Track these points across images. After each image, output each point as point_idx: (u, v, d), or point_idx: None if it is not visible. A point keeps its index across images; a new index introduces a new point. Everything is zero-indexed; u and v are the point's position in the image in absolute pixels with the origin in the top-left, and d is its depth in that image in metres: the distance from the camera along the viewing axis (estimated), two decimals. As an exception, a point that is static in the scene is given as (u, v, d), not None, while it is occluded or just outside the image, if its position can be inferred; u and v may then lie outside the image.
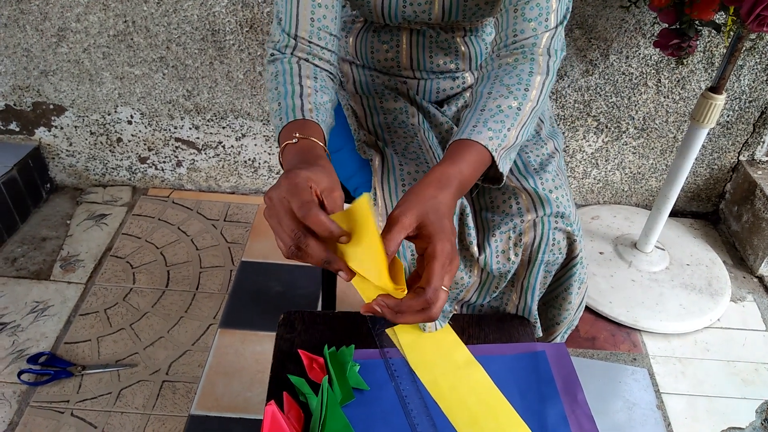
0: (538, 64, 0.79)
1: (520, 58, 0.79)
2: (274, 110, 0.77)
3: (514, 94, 0.77)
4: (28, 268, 1.59)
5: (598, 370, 1.42)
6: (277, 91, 0.78)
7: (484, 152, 0.73)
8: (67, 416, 1.25)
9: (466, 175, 0.71)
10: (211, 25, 1.56)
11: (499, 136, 0.74)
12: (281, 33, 0.82)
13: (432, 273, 0.62)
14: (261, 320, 1.48)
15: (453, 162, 0.71)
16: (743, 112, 1.69)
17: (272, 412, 0.71)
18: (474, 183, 0.74)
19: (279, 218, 0.60)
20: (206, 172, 1.86)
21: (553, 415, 0.78)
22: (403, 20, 0.91)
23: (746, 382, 1.41)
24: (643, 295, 1.57)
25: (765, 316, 1.59)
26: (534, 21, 0.78)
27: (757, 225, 1.69)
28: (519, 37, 0.79)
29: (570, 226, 0.85)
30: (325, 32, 0.82)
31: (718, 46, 1.56)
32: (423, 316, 0.63)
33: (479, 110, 0.76)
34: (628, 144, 1.77)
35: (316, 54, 0.82)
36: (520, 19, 0.79)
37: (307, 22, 0.80)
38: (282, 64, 0.80)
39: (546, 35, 0.79)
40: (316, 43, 0.81)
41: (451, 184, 0.69)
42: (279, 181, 0.62)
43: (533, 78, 0.78)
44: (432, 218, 0.65)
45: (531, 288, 0.89)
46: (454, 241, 0.65)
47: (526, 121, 0.77)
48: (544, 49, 0.80)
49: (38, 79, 1.66)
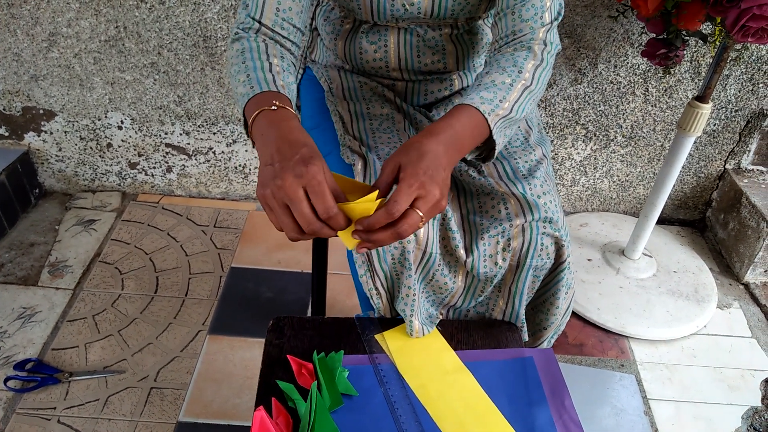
0: (534, 52, 0.84)
1: (518, 47, 0.85)
2: (240, 81, 0.76)
3: (507, 72, 0.82)
4: (15, 274, 1.58)
5: (585, 376, 1.43)
6: (244, 65, 0.78)
7: (476, 113, 0.76)
8: (53, 423, 1.24)
9: (458, 129, 0.74)
10: (203, 31, 1.56)
11: (492, 103, 0.78)
12: (246, 16, 0.83)
13: (397, 191, 0.66)
14: (250, 326, 1.48)
15: (444, 118, 0.75)
16: (729, 120, 1.71)
17: (261, 418, 0.71)
18: (471, 145, 0.77)
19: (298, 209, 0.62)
20: (196, 177, 1.86)
21: (541, 421, 0.79)
22: (391, 17, 0.92)
23: (732, 389, 1.43)
24: (631, 302, 1.58)
25: (751, 322, 1.61)
26: (530, 20, 0.85)
27: (743, 233, 1.71)
28: (518, 35, 0.86)
29: (558, 231, 0.86)
30: (288, 23, 0.84)
31: (704, 55, 1.58)
32: (392, 232, 0.66)
33: (475, 85, 0.82)
34: (616, 152, 1.79)
35: (278, 41, 0.84)
36: (517, 21, 0.85)
37: (272, 11, 0.83)
38: (248, 42, 0.81)
39: (542, 30, 0.85)
40: (278, 32, 0.84)
41: (438, 133, 0.72)
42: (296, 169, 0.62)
43: (527, 62, 0.83)
44: (410, 156, 0.69)
45: (519, 293, 0.89)
46: (434, 176, 0.68)
47: (518, 97, 0.81)
48: (540, 41, 0.86)
49: (28, 84, 1.66)
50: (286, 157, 0.64)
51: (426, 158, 0.69)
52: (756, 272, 1.70)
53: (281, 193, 0.62)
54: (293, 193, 0.62)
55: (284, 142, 0.66)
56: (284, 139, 0.66)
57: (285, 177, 0.62)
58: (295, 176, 0.62)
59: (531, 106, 0.84)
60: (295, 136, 0.67)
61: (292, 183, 0.62)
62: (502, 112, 0.78)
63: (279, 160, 0.64)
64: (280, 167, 0.63)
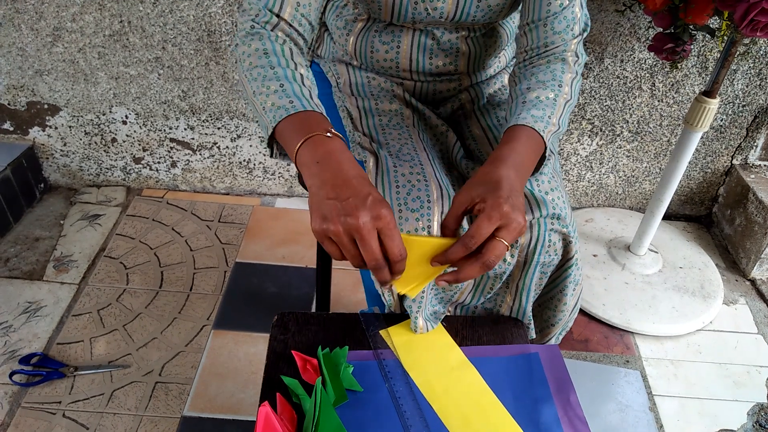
0: (569, 64, 0.86)
1: (552, 60, 0.86)
2: (271, 89, 0.73)
3: (549, 87, 0.83)
4: (20, 268, 1.59)
5: (591, 372, 1.42)
6: (273, 71, 0.75)
7: (533, 133, 0.78)
8: (59, 417, 1.25)
9: (521, 152, 0.76)
10: (207, 26, 1.56)
11: (544, 120, 0.79)
12: (263, 8, 0.80)
13: (478, 225, 0.67)
14: (255, 321, 1.48)
15: (504, 143, 0.77)
16: (736, 116, 1.70)
17: (266, 413, 0.71)
18: (534, 163, 0.78)
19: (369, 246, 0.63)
20: (201, 172, 1.86)
21: (546, 417, 0.79)
22: (411, 20, 0.91)
23: (738, 385, 1.42)
24: (636, 298, 1.57)
25: (757, 319, 1.60)
26: (563, 32, 0.86)
27: (749, 228, 1.70)
28: (550, 47, 0.87)
29: (566, 227, 0.85)
30: (305, 19, 0.82)
31: (712, 50, 1.57)
32: (480, 264, 0.68)
33: (521, 103, 0.82)
34: (622, 147, 1.78)
35: (293, 38, 0.82)
36: (550, 33, 0.86)
37: (293, 5, 0.80)
38: (270, 42, 0.78)
39: (573, 42, 0.87)
40: (296, 27, 0.82)
41: (505, 159, 0.74)
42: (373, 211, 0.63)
43: (565, 75, 0.85)
44: (486, 187, 0.70)
45: (526, 289, 0.89)
46: (514, 204, 0.68)
47: (562, 111, 0.82)
48: (573, 53, 0.87)
49: (33, 79, 1.66)
50: (357, 195, 0.64)
51: (503, 187, 0.69)
52: (762, 268, 1.69)
53: (354, 230, 0.63)
54: (368, 233, 0.63)
55: (348, 177, 0.65)
56: (347, 173, 0.66)
57: (360, 216, 0.62)
58: (373, 218, 0.63)
59: (569, 119, 0.85)
60: (358, 171, 0.67)
61: (367, 223, 0.62)
62: (553, 128, 0.80)
63: (348, 197, 0.64)
64: (353, 206, 0.63)
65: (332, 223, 0.63)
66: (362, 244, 0.63)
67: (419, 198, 0.81)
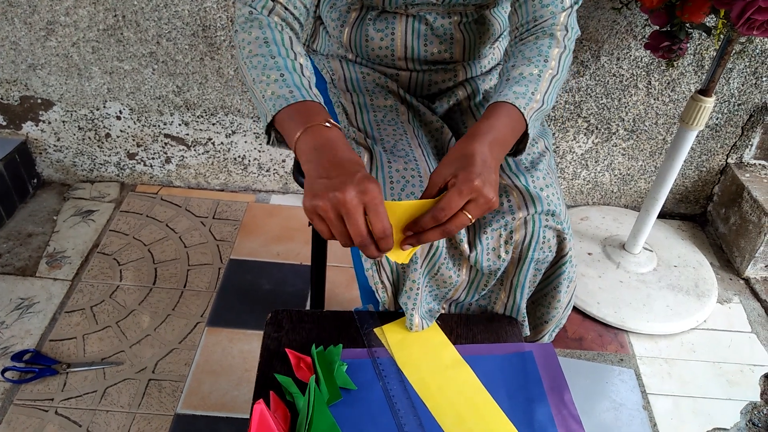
0: (557, 39, 0.85)
1: (540, 35, 0.86)
2: (271, 78, 0.74)
3: (534, 63, 0.82)
4: (13, 264, 1.58)
5: (585, 370, 1.42)
6: (273, 60, 0.76)
7: (513, 110, 0.77)
8: (51, 414, 1.24)
9: (499, 129, 0.75)
10: (202, 21, 1.55)
11: (525, 97, 0.78)
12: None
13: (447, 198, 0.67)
14: (249, 318, 1.48)
15: (483, 119, 0.76)
16: (732, 114, 1.70)
17: (260, 411, 0.70)
18: (512, 141, 0.77)
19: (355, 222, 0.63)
20: (195, 168, 1.85)
21: (540, 416, 0.79)
22: (403, 3, 0.91)
23: (732, 383, 1.43)
24: (631, 296, 1.58)
25: (751, 317, 1.60)
26: (551, 5, 0.85)
27: (744, 227, 1.71)
28: (539, 21, 0.86)
29: (560, 224, 0.85)
30: (300, 2, 0.83)
31: (708, 49, 1.57)
32: (440, 230, 0.69)
33: (504, 80, 0.82)
34: (618, 145, 1.78)
35: (289, 23, 0.82)
36: (538, 6, 0.86)
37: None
38: (270, 30, 0.79)
39: (563, 15, 0.86)
40: (291, 11, 0.82)
41: (481, 135, 0.73)
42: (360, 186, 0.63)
43: (551, 50, 0.84)
44: (459, 163, 0.70)
45: (520, 286, 0.89)
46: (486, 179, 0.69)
47: (547, 87, 0.81)
48: (562, 26, 0.86)
49: (26, 73, 1.64)
50: (347, 173, 0.64)
51: (476, 162, 0.69)
52: (757, 267, 1.69)
53: (340, 205, 0.63)
54: (353, 208, 0.63)
55: (342, 159, 0.66)
56: (341, 157, 0.67)
57: (346, 191, 0.63)
58: (358, 192, 0.63)
59: (557, 94, 0.84)
60: (352, 155, 0.68)
61: (353, 198, 0.63)
62: (536, 105, 0.79)
63: (338, 175, 0.64)
64: (340, 182, 0.63)
65: (321, 198, 0.64)
66: (348, 220, 0.64)
67: (413, 194, 0.81)
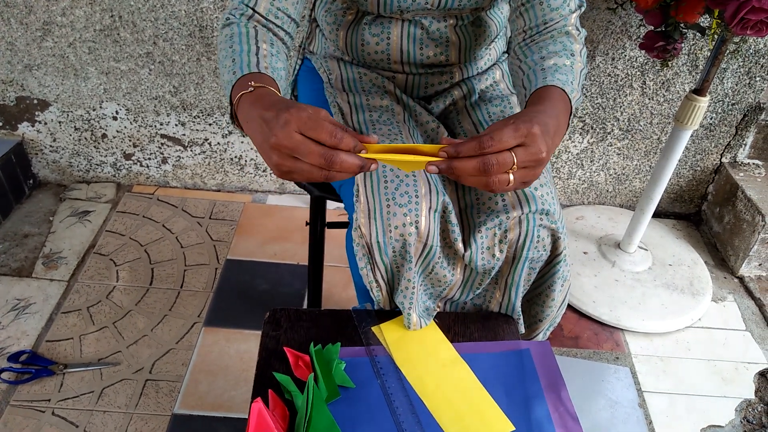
0: (573, 37, 0.85)
1: (556, 34, 0.85)
2: (226, 66, 0.76)
3: (564, 56, 0.82)
4: (9, 265, 1.57)
5: (581, 368, 1.43)
6: (231, 49, 0.77)
7: (563, 95, 0.76)
8: (48, 415, 1.24)
9: (558, 108, 0.72)
10: (199, 21, 1.55)
11: (569, 84, 0.78)
12: (240, 2, 0.83)
13: (502, 128, 0.62)
14: (246, 318, 1.48)
15: (538, 101, 0.73)
16: (726, 114, 1.71)
17: (259, 410, 0.71)
18: (565, 124, 0.74)
19: (302, 149, 0.60)
20: (192, 169, 1.85)
21: (538, 413, 0.79)
22: (397, 8, 0.92)
23: (726, 381, 1.43)
24: (626, 295, 1.58)
25: (745, 316, 1.61)
26: (560, 8, 0.85)
27: (738, 226, 1.72)
28: (549, 24, 0.86)
29: (554, 223, 0.86)
30: (283, 13, 0.84)
31: (702, 48, 1.58)
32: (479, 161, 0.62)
33: (539, 70, 0.80)
34: (613, 145, 1.79)
35: (270, 29, 0.83)
36: (547, 10, 0.85)
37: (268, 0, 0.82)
38: (238, 27, 0.81)
39: (573, 16, 0.86)
40: (272, 20, 0.83)
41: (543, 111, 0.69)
42: (280, 119, 0.61)
43: (574, 45, 0.84)
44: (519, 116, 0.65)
45: (515, 285, 0.89)
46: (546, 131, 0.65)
47: (579, 78, 0.81)
48: (574, 26, 0.86)
49: (22, 74, 1.64)
50: (270, 119, 0.62)
51: (540, 120, 0.65)
52: (751, 266, 1.70)
53: (282, 149, 0.61)
54: (290, 142, 0.60)
55: (265, 111, 0.64)
56: (265, 109, 0.65)
57: (276, 133, 0.61)
58: (282, 125, 0.61)
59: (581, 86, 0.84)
60: (275, 100, 0.66)
61: (283, 134, 0.60)
62: (577, 95, 0.79)
63: (266, 126, 0.63)
64: (268, 129, 0.62)
65: (270, 156, 0.62)
66: (297, 154, 0.61)
67: (407, 193, 0.81)
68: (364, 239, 0.82)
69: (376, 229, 0.81)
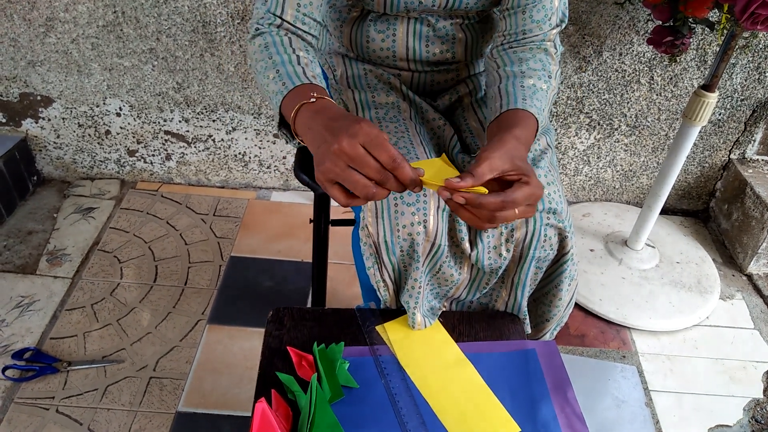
0: (551, 56, 0.87)
1: (535, 48, 0.87)
2: (270, 78, 0.76)
3: (543, 78, 0.84)
4: (13, 262, 1.57)
5: (587, 367, 1.42)
6: (271, 60, 0.77)
7: (535, 124, 0.79)
8: (52, 413, 1.24)
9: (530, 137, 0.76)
10: (202, 17, 1.54)
11: (542, 114, 0.81)
12: (266, 12, 0.82)
13: (523, 193, 0.65)
14: (250, 316, 1.47)
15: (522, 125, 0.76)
16: (735, 110, 1.69)
17: (262, 410, 0.70)
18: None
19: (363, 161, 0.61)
20: (196, 165, 1.84)
21: (543, 413, 0.78)
22: (404, 8, 0.90)
23: (734, 380, 1.42)
24: (633, 293, 1.57)
25: (754, 314, 1.60)
26: (540, 21, 0.86)
27: (746, 223, 1.70)
28: (528, 35, 0.87)
29: (561, 222, 0.85)
30: (309, 18, 0.83)
31: (711, 44, 1.56)
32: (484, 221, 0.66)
33: (519, 86, 0.82)
34: (620, 141, 1.77)
35: (300, 36, 0.83)
36: (528, 21, 0.87)
37: (293, 6, 0.82)
38: (271, 36, 0.80)
39: (552, 32, 0.88)
40: (300, 27, 0.83)
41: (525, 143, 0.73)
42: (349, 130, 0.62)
43: (551, 67, 0.86)
44: (524, 165, 0.68)
45: (521, 284, 0.88)
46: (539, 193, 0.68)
47: (549, 104, 0.85)
48: (552, 43, 0.88)
49: (25, 70, 1.64)
50: (338, 128, 0.63)
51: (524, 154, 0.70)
52: (759, 263, 1.69)
53: (342, 156, 0.62)
54: (353, 151, 0.61)
55: (331, 121, 0.65)
56: (331, 120, 0.66)
57: (340, 141, 0.61)
58: (350, 136, 0.61)
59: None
60: (341, 112, 0.67)
61: (348, 143, 0.61)
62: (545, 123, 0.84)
63: (331, 135, 0.63)
64: (332, 136, 0.63)
65: (323, 162, 0.63)
66: (355, 165, 0.62)
67: (413, 192, 0.80)
68: (371, 238, 0.82)
69: (384, 228, 0.80)
